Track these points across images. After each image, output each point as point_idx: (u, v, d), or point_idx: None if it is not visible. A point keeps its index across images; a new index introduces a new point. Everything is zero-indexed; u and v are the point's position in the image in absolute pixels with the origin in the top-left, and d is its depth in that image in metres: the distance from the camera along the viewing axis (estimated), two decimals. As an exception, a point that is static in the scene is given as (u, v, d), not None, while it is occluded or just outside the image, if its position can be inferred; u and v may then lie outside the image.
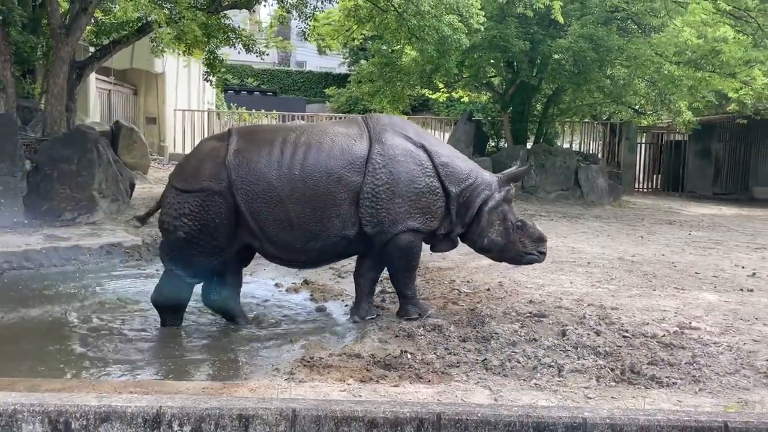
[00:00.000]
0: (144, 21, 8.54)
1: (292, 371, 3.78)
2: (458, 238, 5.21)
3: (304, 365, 3.86)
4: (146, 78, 20.17)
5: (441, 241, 5.19)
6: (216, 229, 4.62)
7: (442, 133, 23.01)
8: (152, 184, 14.39)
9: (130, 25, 9.71)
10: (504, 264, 7.05)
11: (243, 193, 4.60)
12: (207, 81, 12.61)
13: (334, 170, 4.69)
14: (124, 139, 14.16)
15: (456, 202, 4.96)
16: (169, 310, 4.91)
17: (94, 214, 8.82)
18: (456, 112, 25.42)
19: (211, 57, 11.44)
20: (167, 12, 7.71)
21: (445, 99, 22.29)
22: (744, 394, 3.62)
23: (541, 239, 5.18)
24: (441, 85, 19.09)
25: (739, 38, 13.64)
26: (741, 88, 14.62)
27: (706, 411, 2.99)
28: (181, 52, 11.63)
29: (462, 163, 5.10)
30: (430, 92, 20.91)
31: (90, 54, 10.49)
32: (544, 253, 5.23)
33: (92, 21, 10.18)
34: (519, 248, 5.12)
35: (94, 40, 10.65)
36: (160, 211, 4.89)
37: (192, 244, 4.64)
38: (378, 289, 6.05)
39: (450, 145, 5.32)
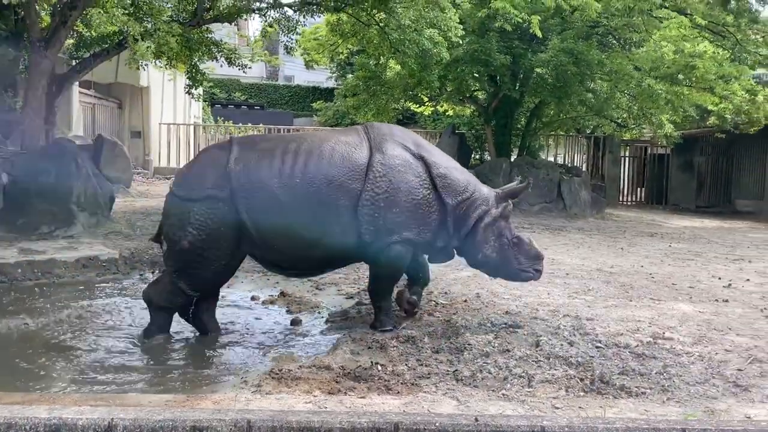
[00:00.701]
0: (124, 35, 8.54)
1: (259, 384, 3.74)
2: (454, 251, 5.18)
3: (273, 377, 3.83)
4: (131, 92, 20.15)
5: (438, 253, 5.17)
6: (221, 237, 4.58)
7: (427, 147, 23.06)
8: (135, 197, 14.32)
9: (111, 38, 9.70)
10: (483, 275, 7.10)
11: (244, 201, 4.58)
12: (189, 94, 12.60)
13: (335, 177, 4.68)
14: (106, 153, 14.10)
15: (453, 214, 4.93)
16: (161, 309, 4.83)
17: (71, 228, 8.74)
18: (441, 125, 25.57)
19: (194, 70, 11.44)
20: (145, 25, 7.71)
21: (430, 112, 22.42)
22: (711, 403, 3.62)
23: (537, 257, 5.11)
24: (425, 99, 19.22)
25: (717, 53, 13.85)
26: (720, 103, 14.82)
27: (665, 419, 2.98)
28: (162, 65, 11.63)
29: (460, 175, 5.07)
30: (415, 106, 21.04)
31: (70, 67, 10.46)
32: (540, 271, 5.15)
33: (73, 34, 10.17)
34: (514, 265, 5.05)
35: (75, 53, 10.63)
36: (164, 222, 4.84)
37: (197, 254, 4.59)
38: (354, 301, 6.04)
39: (449, 157, 5.33)
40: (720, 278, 7.50)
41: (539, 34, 11.74)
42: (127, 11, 7.52)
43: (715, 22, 14.19)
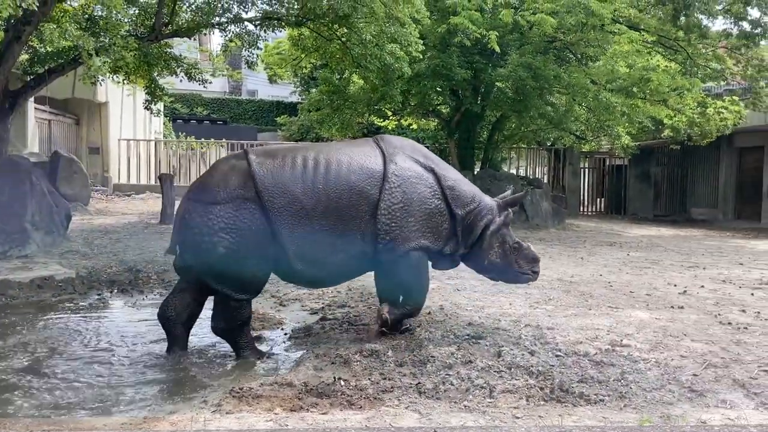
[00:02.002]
0: (78, 50, 8.39)
1: (219, 403, 3.69)
2: (459, 259, 5.37)
3: (233, 396, 3.77)
4: (89, 107, 19.79)
5: (445, 261, 5.35)
6: (253, 235, 4.58)
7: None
8: (93, 215, 14.02)
9: (66, 53, 9.52)
10: (446, 287, 7.16)
11: (272, 204, 4.63)
12: (147, 109, 12.43)
13: (356, 184, 4.82)
14: (63, 170, 13.81)
15: (462, 223, 5.16)
16: (233, 332, 4.74)
17: (26, 247, 8.51)
18: (406, 140, 25.66)
19: (153, 85, 11.30)
20: (101, 40, 7.59)
21: (394, 126, 22.56)
22: (667, 409, 3.70)
23: (534, 260, 5.38)
24: (389, 113, 19.35)
25: (669, 67, 14.31)
26: (674, 115, 15.30)
27: (622, 425, 3.04)
28: (120, 80, 11.46)
29: (466, 186, 5.30)
30: (380, 120, 21.15)
31: (25, 83, 10.22)
32: (537, 273, 5.42)
33: (27, 49, 9.96)
34: (515, 269, 5.31)
35: (29, 68, 10.40)
36: (186, 235, 4.66)
37: (231, 256, 4.54)
38: (318, 317, 6.01)
39: (455, 169, 5.57)
40: (675, 285, 7.70)
41: (497, 49, 11.96)
42: (81, 26, 7.39)
43: (667, 37, 14.68)
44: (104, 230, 11.66)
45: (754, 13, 14.40)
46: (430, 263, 5.32)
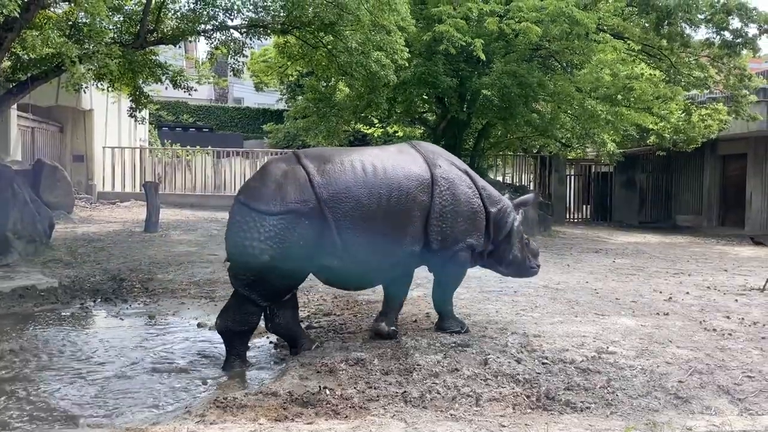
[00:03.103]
0: (62, 57, 8.32)
1: (203, 413, 3.64)
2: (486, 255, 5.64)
3: (217, 406, 3.73)
4: (73, 115, 19.62)
5: (478, 257, 5.59)
6: (299, 249, 4.64)
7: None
8: (77, 223, 13.87)
9: (49, 61, 9.43)
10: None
11: (334, 210, 4.70)
12: (132, 117, 12.34)
13: (411, 190, 4.99)
14: (46, 178, 13.67)
15: (493, 221, 5.48)
16: (237, 335, 4.76)
17: (8, 256, 8.40)
18: (393, 147, 25.70)
19: (137, 92, 11.22)
20: (85, 47, 7.52)
21: (380, 134, 22.59)
22: (653, 416, 3.71)
23: (537, 254, 5.88)
24: (375, 121, 19.37)
25: (653, 75, 14.45)
26: (659, 122, 15.44)
27: (608, 433, 3.04)
28: (105, 87, 11.36)
29: (492, 188, 5.66)
30: (366, 127, 21.16)
31: (7, 90, 10.11)
32: (539, 266, 5.92)
33: (10, 56, 9.85)
34: (528, 263, 5.78)
35: (12, 76, 10.29)
36: (233, 236, 4.68)
37: (275, 266, 4.58)
38: (304, 325, 5.96)
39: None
40: (661, 292, 7.74)
41: (482, 57, 12.01)
42: (64, 33, 7.32)
43: (651, 45, 14.83)
44: (88, 238, 11.53)
45: (735, 23, 14.59)
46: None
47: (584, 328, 5.74)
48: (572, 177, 24.34)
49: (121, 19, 10.78)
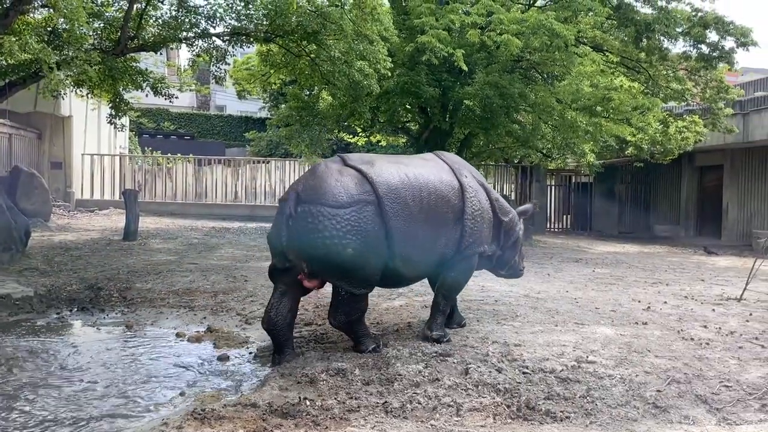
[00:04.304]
0: (39, 63, 8.22)
1: (181, 425, 3.58)
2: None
3: (195, 418, 3.67)
4: (52, 121, 19.40)
5: (487, 261, 6.04)
6: (375, 235, 4.84)
7: (361, 177, 23.22)
8: (54, 231, 13.67)
9: (27, 67, 9.32)
10: (414, 304, 7.15)
11: (389, 207, 4.94)
12: (111, 124, 12.22)
13: (446, 194, 5.32)
14: (23, 185, 13.49)
15: (503, 229, 5.99)
16: (355, 322, 5.05)
17: (-18, 265, 8.22)
18: (375, 156, 25.74)
19: (117, 99, 11.12)
20: (65, 53, 7.44)
21: (364, 143, 22.63)
22: (632, 426, 3.73)
23: (524, 257, 6.60)
24: (359, 130, 19.39)
25: (632, 87, 14.66)
26: (637, 134, 15.66)
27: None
28: (84, 94, 11.25)
29: (503, 200, 6.13)
30: (349, 136, 21.19)
31: (-17, 96, 9.98)
32: (524, 268, 6.62)
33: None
34: (519, 265, 6.45)
35: (-11, 82, 10.15)
36: (310, 239, 4.72)
37: (358, 256, 4.76)
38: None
39: None
40: (640, 301, 7.81)
41: (464, 67, 12.10)
42: (43, 39, 7.23)
43: (629, 58, 15.06)
44: (65, 247, 11.37)
45: (712, 36, 14.90)
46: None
47: (564, 337, 5.77)
48: (553, 187, 24.56)
49: (102, 25, 10.70)
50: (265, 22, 10.83)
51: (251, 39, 11.29)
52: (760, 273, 9.49)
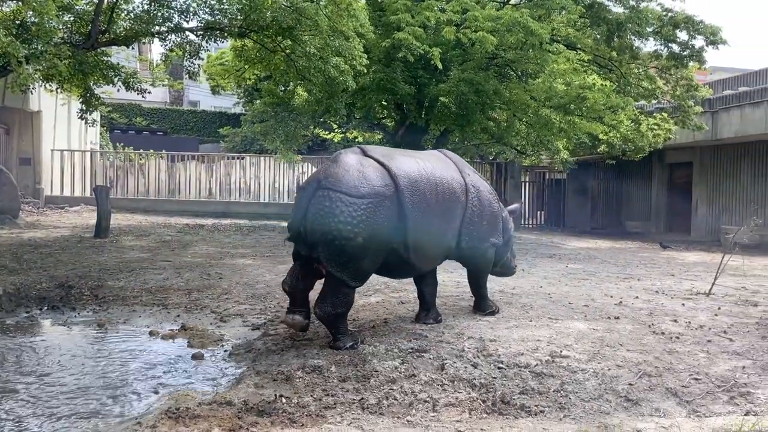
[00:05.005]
0: (7, 57, 8.03)
1: (154, 425, 3.54)
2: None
3: (169, 417, 3.63)
4: (20, 116, 18.96)
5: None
6: (384, 231, 4.98)
7: (337, 173, 23.18)
8: (23, 228, 13.39)
9: (-6, 60, 9.09)
10: (391, 300, 7.17)
11: (408, 199, 5.10)
12: (82, 119, 12.00)
13: (455, 190, 5.59)
14: (-10, 182, 13.15)
15: (503, 223, 6.31)
16: (340, 316, 5.06)
17: (-53, 263, 8.01)
18: (351, 153, 25.70)
19: (88, 94, 10.92)
20: (34, 47, 7.27)
21: (340, 139, 22.59)
22: (605, 419, 3.79)
23: (515, 256, 7.03)
24: (335, 126, 19.35)
25: (605, 85, 14.87)
26: (610, 131, 15.89)
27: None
28: (54, 88, 11.02)
29: (497, 198, 6.38)
30: (325, 132, 21.12)
31: (-51, 90, 9.70)
32: (516, 266, 7.08)
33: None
34: (511, 264, 6.85)
35: (-45, 75, 9.89)
36: (325, 222, 4.80)
37: (366, 247, 4.88)
38: (259, 332, 5.89)
39: None
40: (612, 296, 7.92)
41: (440, 65, 12.15)
42: (11, 32, 7.06)
43: (602, 57, 15.27)
44: (34, 244, 11.14)
45: (682, 35, 15.17)
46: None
47: (538, 332, 5.83)
48: (527, 184, 24.80)
49: (72, 18, 10.48)
50: (239, 17, 10.72)
51: (225, 34, 11.18)
52: (728, 268, 9.70)
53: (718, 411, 3.97)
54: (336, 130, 20.62)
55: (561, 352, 5.13)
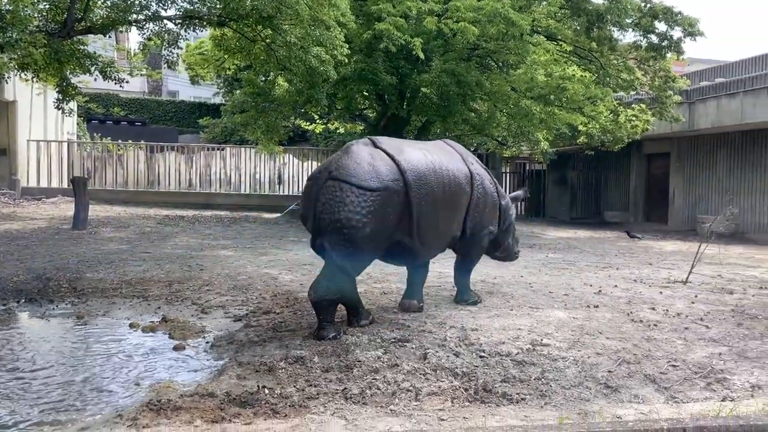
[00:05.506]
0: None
1: (136, 417, 3.51)
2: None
3: (151, 409, 3.61)
4: (-6, 106, 18.59)
5: (490, 242, 6.56)
6: (389, 224, 5.14)
7: (319, 163, 23.11)
8: (-2, 220, 13.16)
9: (-34, 48, 8.87)
10: (373, 290, 7.19)
11: (415, 193, 5.24)
12: (59, 109, 11.80)
13: (461, 182, 5.76)
14: (-36, 172, 12.88)
15: (501, 212, 6.49)
16: (332, 303, 5.15)
17: None
18: (333, 143, 25.67)
19: (64, 83, 10.72)
20: (7, 36, 7.10)
21: (321, 130, 22.48)
22: (585, 405, 3.84)
23: (518, 241, 7.24)
24: (316, 117, 19.24)
25: (584, 76, 14.97)
26: (589, 122, 16.01)
27: (543, 424, 3.13)
28: (29, 78, 10.81)
29: (498, 185, 6.54)
30: (306, 123, 20.99)
31: None
32: (518, 251, 7.29)
33: None
34: (513, 249, 7.06)
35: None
36: (335, 211, 4.94)
37: (371, 238, 5.02)
38: (241, 324, 5.87)
39: None
40: (591, 285, 8.03)
41: (421, 55, 12.13)
42: (-16, 20, 6.91)
43: (582, 48, 15.36)
44: (11, 236, 10.96)
45: (661, 26, 15.31)
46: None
47: (519, 321, 5.89)
48: (508, 174, 24.93)
49: (47, 6, 10.28)
50: (218, 6, 10.59)
51: (204, 23, 11.03)
52: (705, 256, 9.87)
53: (696, 397, 4.05)
54: (317, 121, 20.51)
55: (542, 340, 5.19)
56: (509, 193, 8.65)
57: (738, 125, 17.23)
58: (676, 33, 15.27)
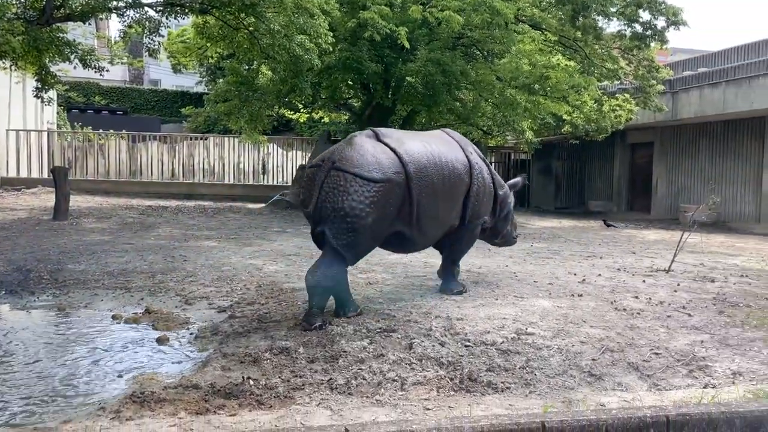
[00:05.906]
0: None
1: (119, 409, 3.48)
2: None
3: (134, 401, 3.57)
4: (-29, 95, 18.25)
5: (485, 231, 6.73)
6: (389, 215, 5.27)
7: (303, 153, 22.99)
8: (-23, 211, 12.95)
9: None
10: (359, 281, 7.18)
11: (416, 185, 5.36)
12: (38, 98, 11.60)
13: (461, 173, 5.85)
14: (-59, 162, 12.65)
15: (499, 201, 6.63)
16: (326, 290, 5.22)
17: None
18: (317, 132, 25.53)
19: (43, 72, 10.54)
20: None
21: (305, 119, 22.34)
22: (569, 394, 3.86)
23: (516, 226, 7.38)
24: (300, 106, 19.10)
25: (568, 65, 15.01)
26: (573, 112, 16.07)
27: (527, 412, 3.14)
28: (7, 66, 10.61)
29: (497, 175, 6.69)
30: (290, 112, 20.85)
31: None
32: (517, 236, 7.45)
33: None
34: (513, 235, 7.26)
35: None
36: (338, 201, 5.04)
37: (372, 228, 5.15)
38: (226, 315, 5.83)
39: None
40: (575, 274, 8.08)
41: (407, 44, 12.07)
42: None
43: (567, 37, 15.38)
44: (-11, 228, 10.79)
45: (645, 15, 15.35)
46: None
47: (504, 310, 5.91)
48: (493, 164, 24.97)
49: (25, -8, 10.08)
50: (201, -7, 10.46)
51: (186, 10, 10.88)
52: (687, 245, 9.96)
53: (678, 384, 4.09)
54: (302, 110, 20.37)
55: (526, 329, 5.21)
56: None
57: (720, 115, 17.39)
58: (660, 22, 15.34)
